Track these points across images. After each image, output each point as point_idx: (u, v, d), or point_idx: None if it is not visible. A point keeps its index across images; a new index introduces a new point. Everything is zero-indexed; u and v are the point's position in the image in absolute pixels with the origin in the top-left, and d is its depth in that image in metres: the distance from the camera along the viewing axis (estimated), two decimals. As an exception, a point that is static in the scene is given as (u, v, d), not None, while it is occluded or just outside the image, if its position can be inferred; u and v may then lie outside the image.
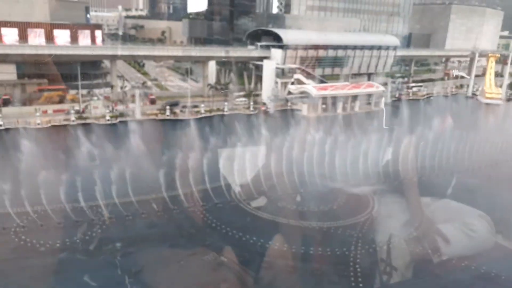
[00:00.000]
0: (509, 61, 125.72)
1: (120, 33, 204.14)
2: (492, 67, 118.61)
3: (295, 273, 36.34)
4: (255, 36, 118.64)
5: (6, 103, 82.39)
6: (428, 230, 41.61)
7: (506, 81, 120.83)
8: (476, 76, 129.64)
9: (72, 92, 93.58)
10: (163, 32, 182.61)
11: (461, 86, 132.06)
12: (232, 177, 48.69)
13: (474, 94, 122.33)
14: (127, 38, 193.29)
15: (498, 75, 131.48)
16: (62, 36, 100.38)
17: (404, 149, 54.00)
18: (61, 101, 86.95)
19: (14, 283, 32.34)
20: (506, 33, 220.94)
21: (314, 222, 42.68)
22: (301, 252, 37.56)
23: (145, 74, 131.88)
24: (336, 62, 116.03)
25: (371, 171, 52.72)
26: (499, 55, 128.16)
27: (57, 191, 40.01)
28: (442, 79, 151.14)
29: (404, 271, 38.45)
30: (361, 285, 34.09)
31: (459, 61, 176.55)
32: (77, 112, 79.44)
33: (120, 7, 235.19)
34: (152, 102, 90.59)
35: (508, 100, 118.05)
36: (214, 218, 42.35)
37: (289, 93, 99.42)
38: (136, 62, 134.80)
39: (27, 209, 39.28)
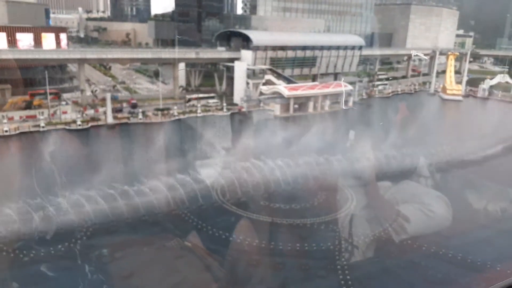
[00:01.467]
0: (467, 59, 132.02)
1: (82, 35, 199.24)
2: (452, 64, 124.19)
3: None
4: (224, 37, 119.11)
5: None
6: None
7: (465, 78, 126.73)
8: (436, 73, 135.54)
9: (37, 98, 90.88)
10: (127, 34, 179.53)
11: (424, 83, 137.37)
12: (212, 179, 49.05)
13: (436, 91, 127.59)
14: (89, 41, 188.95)
15: (457, 72, 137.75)
16: (25, 40, 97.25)
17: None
18: (28, 107, 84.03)
19: None
20: (461, 31, 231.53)
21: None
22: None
23: (112, 77, 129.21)
24: (305, 62, 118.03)
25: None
26: (458, 53, 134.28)
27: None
28: (405, 77, 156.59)
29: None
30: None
31: (420, 59, 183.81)
32: (46, 118, 77.17)
33: (80, 9, 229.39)
34: (134, 106, 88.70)
35: (467, 96, 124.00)
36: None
37: (261, 93, 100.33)
38: (102, 65, 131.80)
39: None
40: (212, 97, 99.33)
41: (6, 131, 68.64)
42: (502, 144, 65.06)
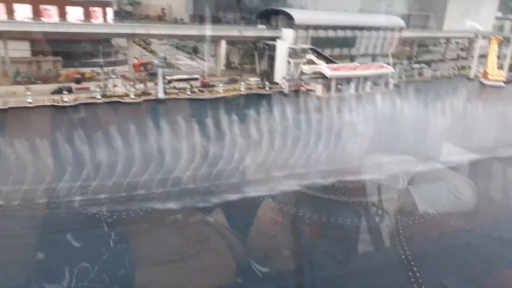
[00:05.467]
0: (511, 43, 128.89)
1: (115, 9, 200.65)
2: (494, 49, 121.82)
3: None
4: (264, 15, 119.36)
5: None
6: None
7: (507, 63, 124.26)
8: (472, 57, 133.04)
9: (86, 70, 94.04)
10: (163, 9, 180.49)
11: (463, 67, 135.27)
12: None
13: (476, 76, 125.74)
14: (123, 15, 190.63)
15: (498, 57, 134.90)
16: (74, 14, 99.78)
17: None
18: (81, 79, 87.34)
19: None
20: (499, 14, 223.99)
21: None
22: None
23: (152, 52, 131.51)
24: (345, 42, 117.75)
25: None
26: (502, 38, 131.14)
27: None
28: (442, 60, 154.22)
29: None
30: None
31: (457, 43, 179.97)
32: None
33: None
34: (204, 85, 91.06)
35: (509, 82, 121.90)
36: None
37: (302, 73, 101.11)
38: (143, 40, 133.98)
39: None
40: (196, 78, 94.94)
41: (66, 102, 71.91)
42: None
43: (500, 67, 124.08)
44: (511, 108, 69.13)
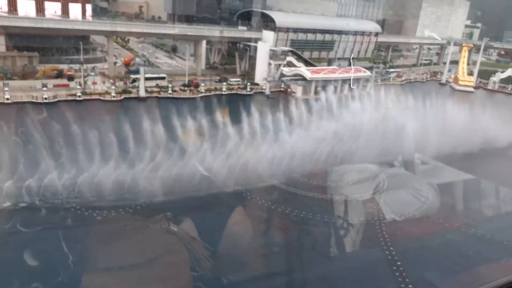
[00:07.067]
0: (481, 51, 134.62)
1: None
2: (465, 56, 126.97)
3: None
4: (245, 17, 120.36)
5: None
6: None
7: (477, 70, 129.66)
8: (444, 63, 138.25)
9: (65, 67, 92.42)
10: (140, 7, 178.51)
11: (435, 73, 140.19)
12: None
13: (447, 81, 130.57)
14: (98, 11, 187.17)
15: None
16: (52, 9, 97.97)
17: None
18: (59, 75, 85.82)
19: None
20: (468, 22, 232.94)
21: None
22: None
23: (129, 50, 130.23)
24: (323, 46, 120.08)
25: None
26: (472, 45, 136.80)
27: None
28: (415, 65, 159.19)
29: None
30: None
31: (429, 49, 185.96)
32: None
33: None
34: (197, 86, 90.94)
35: (478, 88, 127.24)
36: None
37: (282, 75, 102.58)
38: (121, 38, 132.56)
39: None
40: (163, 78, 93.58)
41: (46, 98, 70.66)
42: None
43: (470, 73, 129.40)
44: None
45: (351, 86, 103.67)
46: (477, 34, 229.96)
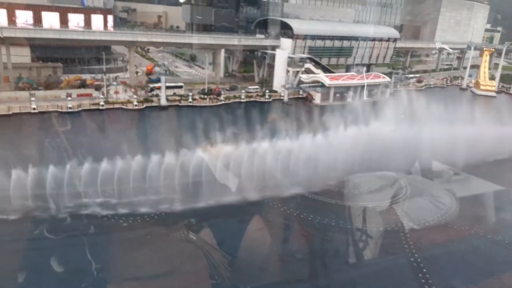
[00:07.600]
0: (502, 55, 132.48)
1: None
2: (486, 60, 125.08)
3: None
4: (262, 25, 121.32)
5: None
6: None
7: (499, 74, 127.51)
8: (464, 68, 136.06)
9: (87, 76, 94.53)
10: (159, 17, 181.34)
11: (455, 78, 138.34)
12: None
13: (468, 86, 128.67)
14: (117, 21, 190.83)
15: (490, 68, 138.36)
16: (75, 20, 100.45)
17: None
18: (82, 85, 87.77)
19: None
20: (488, 26, 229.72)
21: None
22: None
23: (150, 59, 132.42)
24: (341, 52, 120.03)
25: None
26: (493, 49, 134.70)
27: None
28: (434, 70, 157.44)
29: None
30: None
31: (449, 54, 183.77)
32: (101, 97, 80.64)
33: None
34: (218, 94, 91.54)
35: (500, 92, 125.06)
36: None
37: (300, 82, 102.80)
38: (141, 48, 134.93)
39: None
40: (180, 87, 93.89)
41: (70, 108, 72.34)
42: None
43: (492, 77, 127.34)
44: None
45: (370, 92, 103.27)
46: (498, 38, 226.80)
